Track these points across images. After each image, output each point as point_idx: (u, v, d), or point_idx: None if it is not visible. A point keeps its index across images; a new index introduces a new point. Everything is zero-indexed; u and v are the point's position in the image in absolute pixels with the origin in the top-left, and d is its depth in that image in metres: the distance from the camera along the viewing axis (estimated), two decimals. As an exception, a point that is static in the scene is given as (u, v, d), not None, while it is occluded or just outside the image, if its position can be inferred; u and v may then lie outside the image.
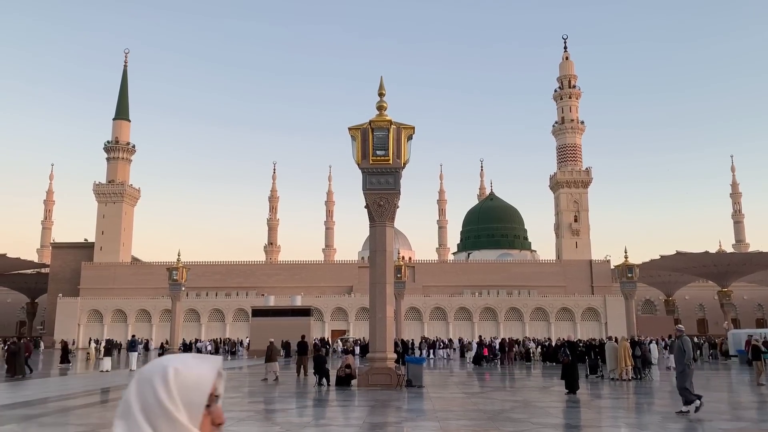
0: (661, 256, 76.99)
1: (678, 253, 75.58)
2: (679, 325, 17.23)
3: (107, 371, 31.34)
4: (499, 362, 40.47)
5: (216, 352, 58.62)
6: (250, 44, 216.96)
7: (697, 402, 14.34)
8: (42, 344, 69.77)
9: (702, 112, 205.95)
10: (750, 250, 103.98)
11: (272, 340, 28.32)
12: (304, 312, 56.47)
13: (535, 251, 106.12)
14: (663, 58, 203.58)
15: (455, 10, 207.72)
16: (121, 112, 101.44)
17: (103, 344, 44.48)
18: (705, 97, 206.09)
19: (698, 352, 46.32)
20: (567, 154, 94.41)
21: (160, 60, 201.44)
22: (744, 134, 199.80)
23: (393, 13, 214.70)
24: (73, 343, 68.84)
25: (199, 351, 58.83)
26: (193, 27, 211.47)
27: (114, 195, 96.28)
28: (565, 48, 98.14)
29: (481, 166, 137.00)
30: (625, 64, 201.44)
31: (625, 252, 46.69)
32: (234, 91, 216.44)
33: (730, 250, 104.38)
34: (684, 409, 14.40)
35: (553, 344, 42.47)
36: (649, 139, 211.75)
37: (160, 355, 49.77)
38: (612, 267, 78.07)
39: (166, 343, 54.99)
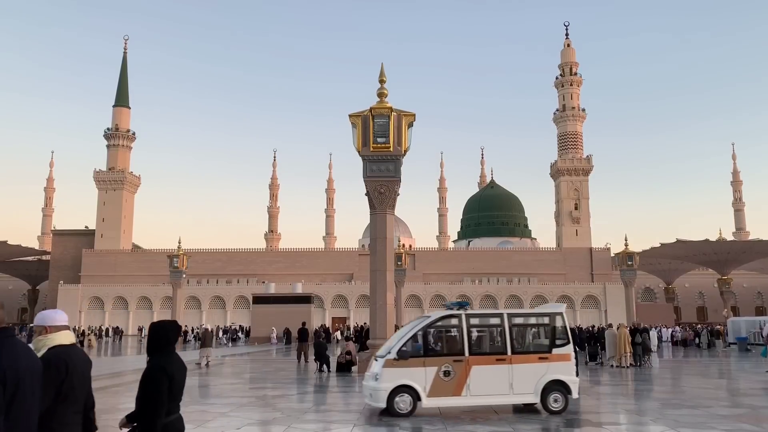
0: (662, 244, 77.00)
1: (678, 241, 75.57)
2: None
3: None
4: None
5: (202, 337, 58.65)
6: (250, 32, 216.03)
7: None
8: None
9: (703, 99, 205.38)
10: (750, 238, 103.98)
11: (208, 327, 28.73)
12: (305, 299, 56.66)
13: (536, 239, 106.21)
14: (663, 45, 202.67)
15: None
16: (121, 99, 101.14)
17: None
18: (706, 84, 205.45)
19: (698, 339, 46.52)
20: (568, 141, 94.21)
21: (159, 47, 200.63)
22: (745, 122, 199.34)
23: (394, 1, 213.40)
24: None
25: (196, 337, 59.04)
26: (192, 14, 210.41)
27: (114, 182, 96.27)
28: (567, 35, 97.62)
29: (482, 154, 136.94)
30: (626, 52, 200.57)
31: (626, 240, 46.63)
32: (234, 80, 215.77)
33: (730, 238, 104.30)
34: None
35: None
36: (649, 127, 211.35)
37: (80, 343, 49.19)
38: (612, 255, 77.90)
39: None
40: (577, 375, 19.24)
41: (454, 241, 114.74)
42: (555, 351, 12.35)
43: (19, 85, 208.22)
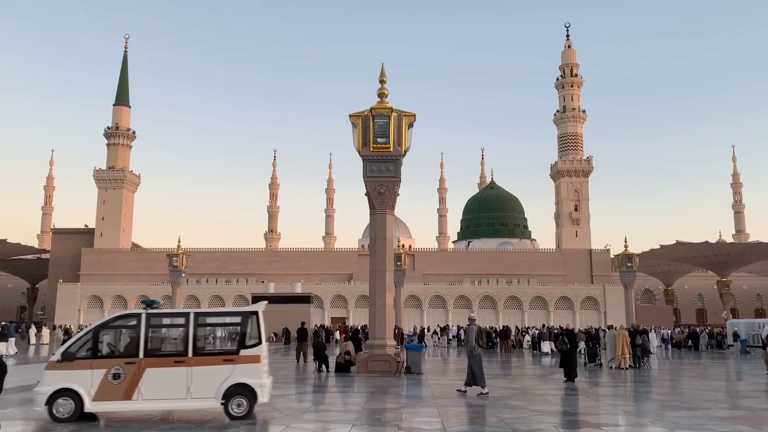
0: (661, 246, 76.97)
1: (678, 243, 75.54)
2: (471, 314, 17.91)
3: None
4: (499, 349, 40.70)
5: None
6: (251, 32, 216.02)
7: (481, 390, 15.45)
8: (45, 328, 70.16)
9: (704, 102, 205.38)
10: (750, 240, 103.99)
11: None
12: (304, 299, 56.65)
13: (535, 240, 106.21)
14: (664, 48, 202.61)
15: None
16: (122, 98, 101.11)
17: None
18: (707, 86, 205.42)
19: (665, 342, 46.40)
20: (568, 143, 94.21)
21: (160, 47, 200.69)
22: (746, 124, 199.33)
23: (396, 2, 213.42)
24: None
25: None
26: (193, 14, 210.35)
27: (114, 181, 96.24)
28: (568, 36, 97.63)
29: (482, 155, 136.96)
30: (627, 55, 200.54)
31: (625, 241, 46.70)
32: (234, 79, 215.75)
33: (730, 240, 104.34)
34: (462, 388, 15.77)
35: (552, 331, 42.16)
36: (650, 129, 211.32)
37: (64, 341, 48.36)
38: (612, 256, 78.02)
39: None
40: (576, 376, 19.14)
41: (453, 242, 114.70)
42: (243, 352, 11.54)
43: (20, 83, 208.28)
